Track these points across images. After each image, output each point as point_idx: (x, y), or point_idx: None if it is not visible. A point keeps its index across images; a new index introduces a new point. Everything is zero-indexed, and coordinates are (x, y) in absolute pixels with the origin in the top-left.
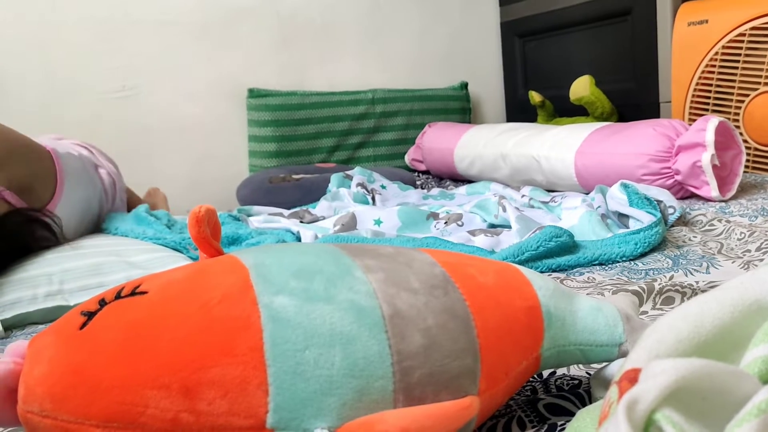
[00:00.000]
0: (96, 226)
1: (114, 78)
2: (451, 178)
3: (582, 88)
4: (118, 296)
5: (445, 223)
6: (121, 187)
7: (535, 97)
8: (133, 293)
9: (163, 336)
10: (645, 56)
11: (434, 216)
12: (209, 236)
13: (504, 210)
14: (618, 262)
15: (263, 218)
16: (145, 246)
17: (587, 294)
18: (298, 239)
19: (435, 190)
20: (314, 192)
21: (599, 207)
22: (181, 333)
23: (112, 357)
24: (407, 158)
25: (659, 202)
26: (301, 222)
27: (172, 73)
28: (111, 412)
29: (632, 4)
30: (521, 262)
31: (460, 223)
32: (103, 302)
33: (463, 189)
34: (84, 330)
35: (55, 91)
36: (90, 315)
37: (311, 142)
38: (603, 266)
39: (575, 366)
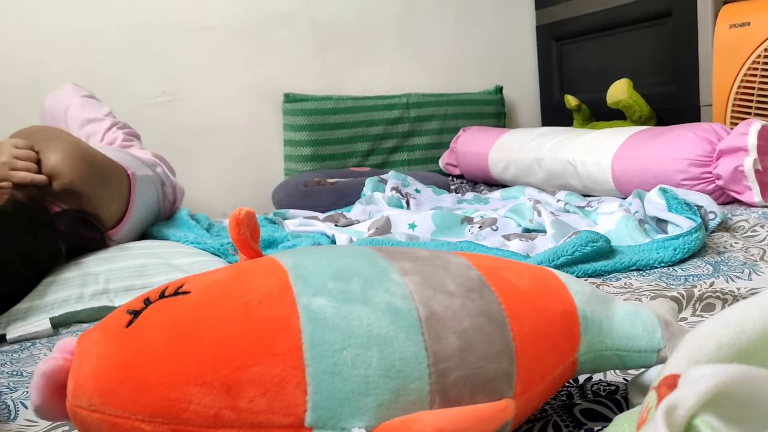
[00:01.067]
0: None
1: (154, 83)
2: (485, 182)
3: (620, 91)
4: (162, 296)
5: (480, 227)
6: (180, 201)
7: (571, 100)
8: (176, 293)
9: (205, 335)
10: (685, 59)
11: (468, 220)
12: (249, 238)
13: (539, 214)
14: (656, 267)
15: (298, 221)
16: (187, 249)
17: (624, 300)
18: (333, 242)
19: (469, 195)
20: (349, 196)
21: (637, 212)
22: (223, 332)
23: (157, 354)
24: (441, 162)
25: (699, 207)
26: (336, 225)
27: (210, 78)
28: (156, 408)
29: (672, 6)
30: (556, 267)
31: (494, 227)
32: (148, 301)
33: (497, 193)
34: (130, 328)
35: (97, 94)
36: (136, 313)
37: (346, 146)
38: (641, 272)
39: (612, 372)
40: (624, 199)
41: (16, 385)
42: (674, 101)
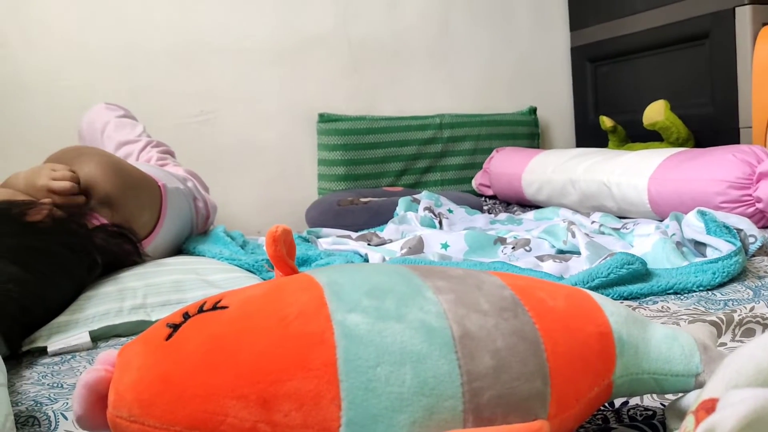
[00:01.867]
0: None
1: (193, 102)
2: (518, 203)
3: (656, 113)
4: (200, 310)
5: (513, 248)
6: (213, 217)
7: (606, 122)
8: (214, 308)
9: (242, 349)
10: (724, 80)
11: (501, 241)
12: (285, 255)
13: (573, 236)
14: (694, 291)
15: (332, 240)
16: (222, 266)
17: (662, 323)
18: (366, 262)
19: (502, 215)
20: (382, 215)
21: (674, 234)
22: (260, 347)
23: (195, 367)
24: (474, 183)
25: (739, 230)
26: (369, 244)
27: (247, 99)
28: (194, 420)
29: (710, 27)
30: (591, 289)
31: (527, 248)
32: (187, 315)
33: (530, 214)
34: (169, 341)
35: (139, 113)
36: (175, 327)
37: (379, 165)
38: (678, 295)
39: (649, 396)
40: (661, 221)
41: (56, 396)
42: (713, 123)
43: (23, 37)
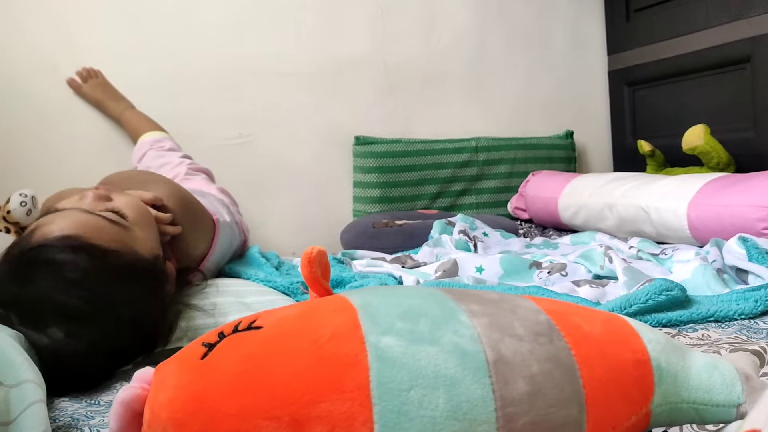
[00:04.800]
0: None
1: (232, 125)
2: (554, 227)
3: (696, 137)
4: (235, 330)
5: (549, 272)
6: (247, 239)
7: (644, 146)
8: (249, 328)
9: (275, 370)
10: (765, 104)
11: (537, 265)
12: (320, 277)
13: (610, 261)
14: (736, 319)
15: (366, 262)
16: (257, 288)
17: (702, 352)
18: (400, 284)
19: (538, 239)
20: (416, 238)
21: (714, 261)
22: (293, 368)
23: (229, 387)
24: (510, 206)
25: None
26: (403, 267)
27: (284, 121)
28: None
29: (751, 51)
30: (629, 316)
31: (563, 272)
32: (222, 335)
33: (567, 238)
34: (204, 360)
35: (182, 136)
36: (210, 346)
37: (414, 188)
38: (719, 323)
39: (688, 426)
40: (701, 247)
41: (93, 413)
42: (754, 147)
43: (73, 62)
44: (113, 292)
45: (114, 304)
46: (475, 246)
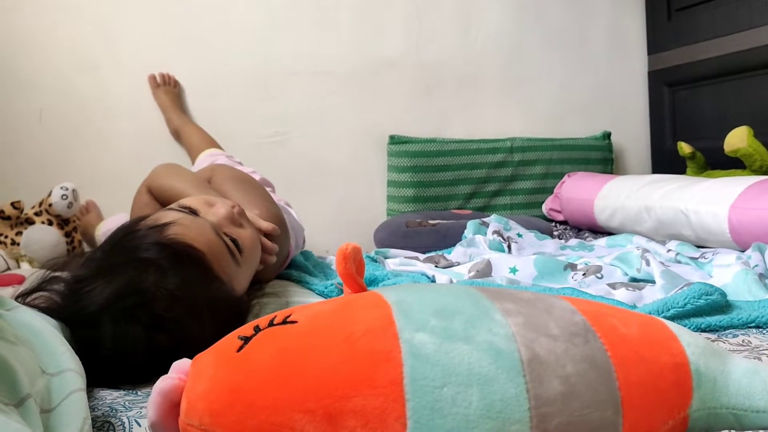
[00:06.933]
0: None
1: (269, 124)
2: (590, 229)
3: (738, 139)
4: (271, 324)
5: (584, 274)
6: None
7: (684, 148)
8: (284, 322)
9: (310, 363)
10: None
11: (572, 267)
12: (354, 273)
13: (647, 264)
14: None
15: (399, 261)
16: (298, 289)
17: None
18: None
19: (573, 241)
20: (450, 238)
21: (756, 266)
22: (327, 362)
23: (265, 379)
24: (545, 207)
25: None
26: (436, 266)
27: (320, 121)
28: (262, 431)
29: None
30: (666, 319)
31: (599, 275)
32: (257, 328)
33: (602, 241)
34: (240, 353)
35: (218, 134)
36: (246, 339)
37: (448, 188)
38: (760, 329)
39: None
40: (742, 251)
41: (131, 404)
42: None
43: (113, 62)
44: (201, 317)
45: (196, 332)
46: (509, 247)
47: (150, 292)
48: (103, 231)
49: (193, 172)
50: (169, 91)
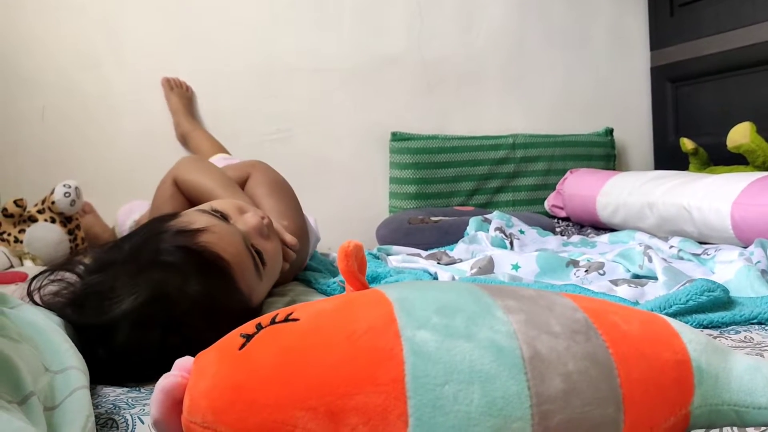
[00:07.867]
0: None
1: (271, 122)
2: (592, 225)
3: (741, 135)
4: (273, 321)
5: (586, 271)
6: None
7: (687, 144)
8: (286, 320)
9: (312, 361)
10: None
11: (574, 263)
12: (356, 270)
13: (650, 260)
14: None
15: (401, 258)
16: (302, 288)
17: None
18: (435, 280)
19: (575, 237)
20: (452, 234)
21: (759, 262)
22: (329, 360)
23: (267, 377)
24: (547, 204)
25: None
26: (439, 263)
27: (322, 118)
28: (264, 429)
29: None
30: (668, 316)
31: (601, 271)
32: (259, 326)
33: (605, 237)
34: (242, 351)
35: (221, 133)
36: (248, 337)
37: (451, 185)
38: (763, 326)
39: (728, 429)
40: (745, 248)
41: (134, 402)
42: None
43: (116, 59)
44: (218, 326)
45: (208, 339)
46: (512, 243)
47: (172, 296)
48: (122, 216)
49: (220, 169)
50: (182, 95)
